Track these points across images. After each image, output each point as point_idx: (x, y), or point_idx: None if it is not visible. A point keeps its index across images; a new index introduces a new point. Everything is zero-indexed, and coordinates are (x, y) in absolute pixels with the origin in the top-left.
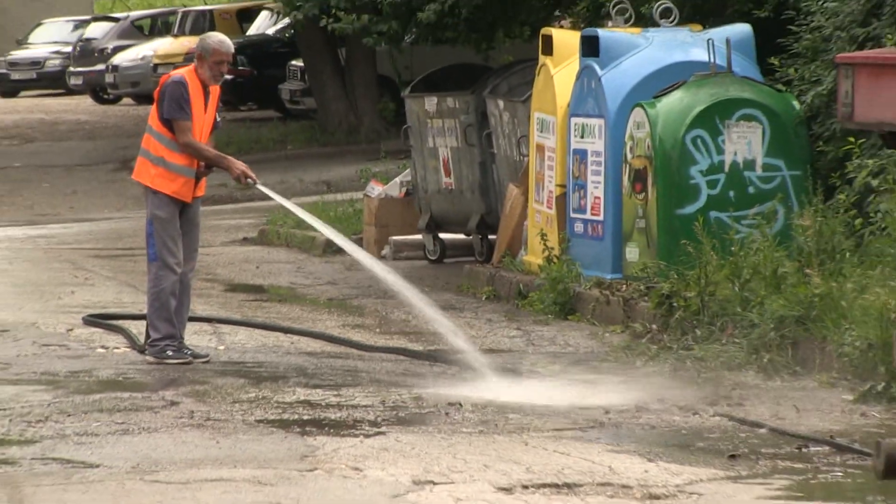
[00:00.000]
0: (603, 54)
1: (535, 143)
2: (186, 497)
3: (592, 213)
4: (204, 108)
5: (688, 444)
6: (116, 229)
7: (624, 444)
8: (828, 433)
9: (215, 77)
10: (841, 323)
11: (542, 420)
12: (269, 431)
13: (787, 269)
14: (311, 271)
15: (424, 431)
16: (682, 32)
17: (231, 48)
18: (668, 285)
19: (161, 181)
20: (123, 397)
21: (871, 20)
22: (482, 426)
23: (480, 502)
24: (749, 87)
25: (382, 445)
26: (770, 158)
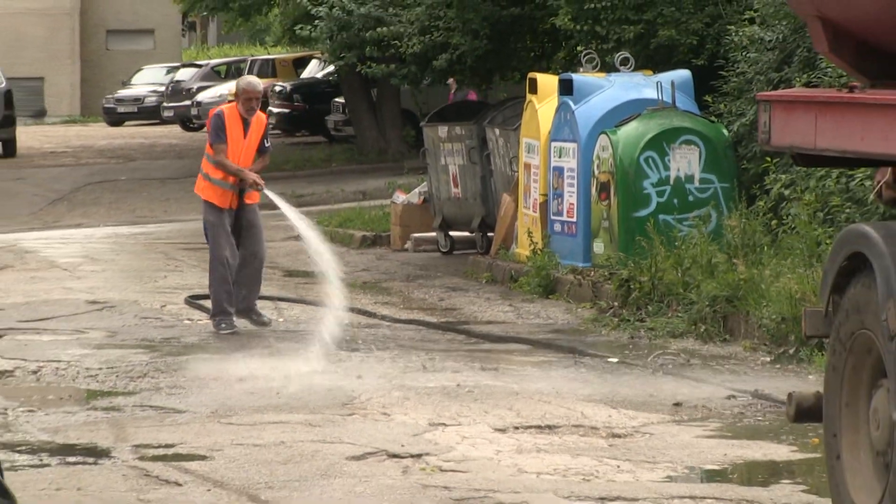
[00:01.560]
0: (576, 93)
1: (523, 162)
2: (253, 435)
3: (568, 216)
4: (243, 135)
5: (642, 395)
6: (199, 228)
7: (593, 395)
8: (752, 387)
9: (248, 111)
10: (761, 301)
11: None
12: (318, 385)
13: (719, 259)
14: (350, 261)
15: (437, 386)
16: (637, 76)
17: (258, 87)
18: (627, 272)
19: (206, 191)
20: (204, 358)
21: (783, 67)
22: (485, 381)
23: (481, 439)
24: (689, 118)
25: (404, 396)
26: (705, 174)
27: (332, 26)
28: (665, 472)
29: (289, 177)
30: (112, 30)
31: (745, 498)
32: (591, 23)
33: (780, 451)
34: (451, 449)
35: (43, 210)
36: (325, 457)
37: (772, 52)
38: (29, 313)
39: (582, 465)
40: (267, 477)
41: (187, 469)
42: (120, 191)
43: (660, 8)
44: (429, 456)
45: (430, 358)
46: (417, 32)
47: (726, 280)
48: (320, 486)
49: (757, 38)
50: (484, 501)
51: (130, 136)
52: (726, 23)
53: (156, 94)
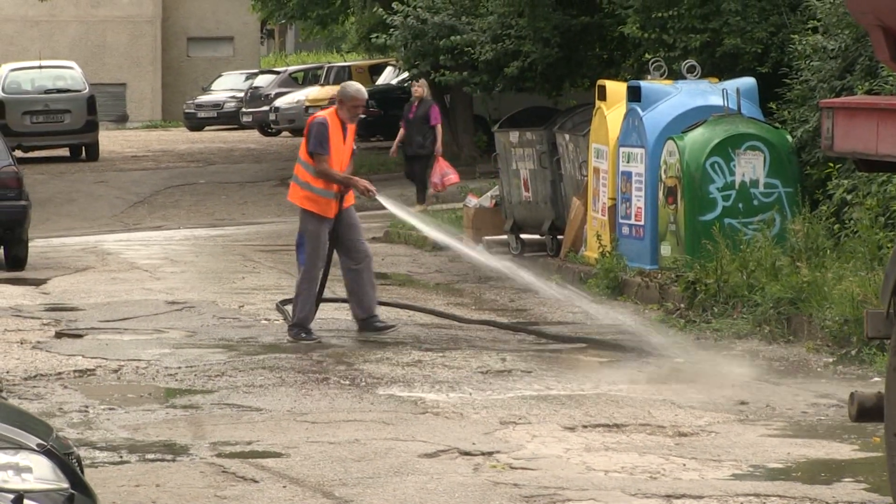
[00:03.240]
0: (644, 100)
1: (592, 167)
2: (328, 433)
3: (636, 219)
4: (343, 141)
5: (707, 394)
6: (277, 231)
7: (659, 394)
8: (815, 388)
9: (352, 118)
10: (823, 303)
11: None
12: (391, 382)
13: (783, 262)
14: (424, 262)
15: (508, 386)
16: (703, 84)
17: (365, 95)
18: (693, 274)
19: (308, 202)
20: (281, 357)
21: (846, 75)
22: (554, 380)
23: (550, 437)
24: (754, 125)
25: (477, 395)
26: (770, 179)
27: (406, 35)
28: (730, 471)
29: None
30: (193, 37)
31: (809, 496)
32: (658, 31)
33: (842, 450)
34: (521, 447)
35: (124, 212)
36: (398, 454)
37: (834, 61)
38: (110, 313)
39: (649, 464)
40: (341, 474)
41: (263, 466)
42: (199, 194)
43: (725, 17)
44: (499, 454)
45: (502, 358)
46: (489, 40)
47: (790, 283)
48: (393, 483)
49: (820, 46)
50: (553, 499)
51: (210, 140)
52: (790, 32)
53: (235, 100)
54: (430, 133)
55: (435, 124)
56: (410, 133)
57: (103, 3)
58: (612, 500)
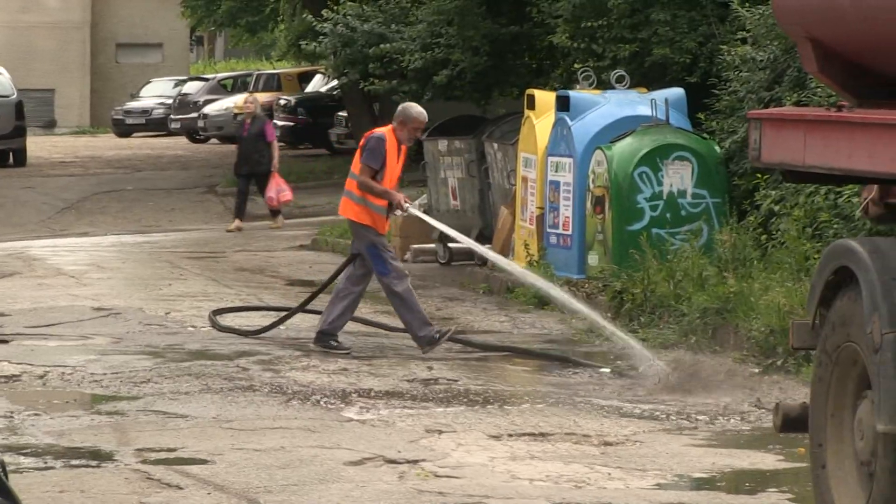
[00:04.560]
0: (572, 109)
1: (520, 176)
2: (253, 440)
3: (564, 229)
4: (396, 161)
5: (633, 406)
6: (204, 238)
7: (587, 404)
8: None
9: (411, 139)
10: (750, 314)
11: (524, 382)
12: (317, 390)
13: (710, 272)
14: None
15: (434, 394)
16: (632, 94)
17: (426, 118)
18: (620, 283)
19: (364, 216)
20: (207, 364)
21: (774, 86)
22: (481, 389)
23: (476, 446)
24: (682, 135)
25: (402, 404)
26: (697, 189)
27: (336, 42)
28: (655, 480)
29: (292, 188)
30: (122, 43)
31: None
32: (587, 41)
33: (766, 460)
34: (447, 455)
35: (51, 218)
36: (323, 462)
37: (763, 72)
38: (36, 319)
39: (574, 472)
40: (266, 481)
41: (188, 473)
42: (126, 200)
43: (655, 27)
44: (424, 462)
45: (428, 366)
46: (419, 49)
47: (717, 293)
48: (318, 490)
49: (749, 57)
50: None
51: (138, 147)
52: (719, 42)
53: (163, 107)
54: (266, 150)
55: (271, 140)
56: (246, 151)
57: (32, 8)
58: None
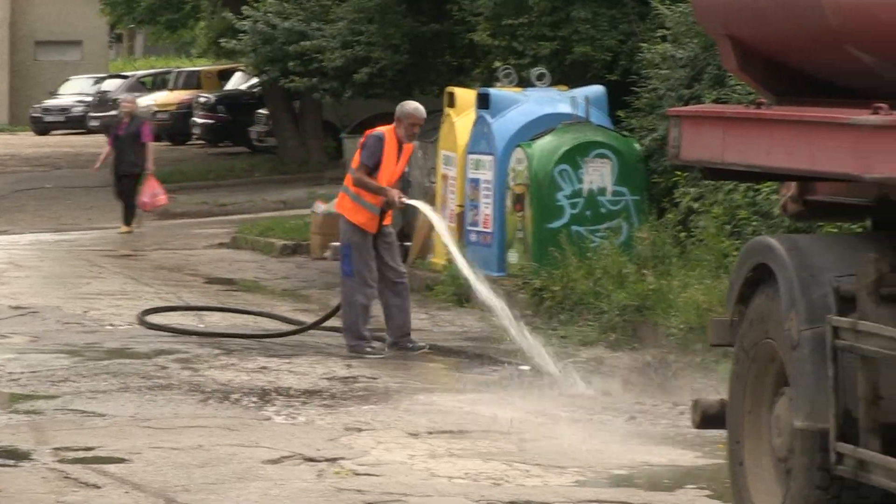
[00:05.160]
0: (493, 107)
1: (441, 174)
2: (171, 438)
3: (484, 226)
4: (395, 160)
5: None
6: (123, 236)
7: (504, 401)
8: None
9: (409, 137)
10: (669, 311)
11: (443, 380)
12: (236, 389)
13: (629, 270)
14: (271, 269)
15: (353, 392)
16: (553, 91)
17: (424, 114)
18: (540, 281)
19: (355, 213)
20: (125, 363)
21: (693, 84)
22: (400, 387)
23: (395, 444)
24: (602, 132)
25: (321, 402)
26: (617, 186)
27: (255, 40)
28: (574, 477)
29: (212, 186)
30: (40, 41)
31: (651, 502)
32: (508, 39)
33: (685, 456)
34: (366, 453)
35: None
36: (241, 460)
37: (683, 70)
38: None
39: (493, 470)
40: (184, 480)
41: (106, 472)
42: (45, 198)
43: (575, 25)
44: (343, 460)
45: (347, 364)
46: (339, 47)
47: (636, 290)
48: (236, 489)
49: (669, 55)
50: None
51: (57, 144)
52: (639, 40)
53: (82, 104)
54: (141, 151)
55: (146, 141)
56: (121, 151)
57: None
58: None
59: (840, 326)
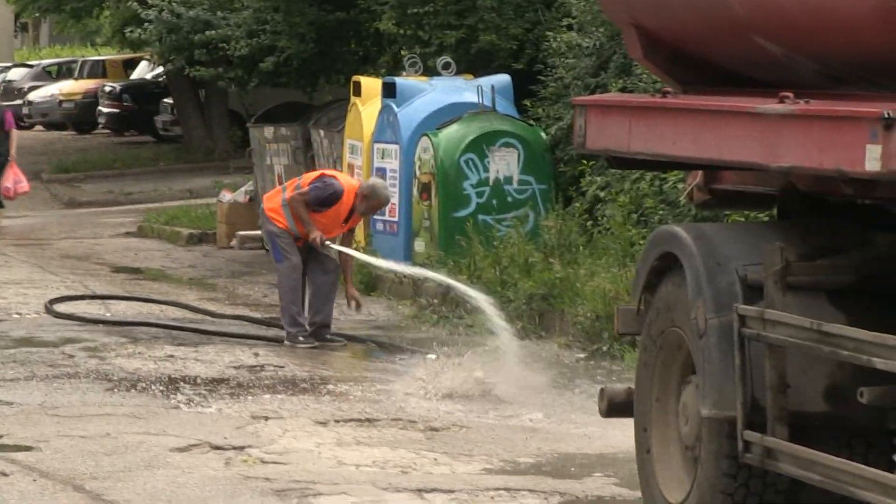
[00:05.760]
0: (399, 96)
1: (347, 163)
2: (79, 427)
3: (390, 216)
4: (343, 220)
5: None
6: (28, 225)
7: (411, 390)
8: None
9: (363, 213)
10: (576, 300)
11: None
12: (143, 377)
13: (536, 258)
14: (177, 257)
15: (259, 381)
16: (459, 80)
17: (388, 199)
18: (446, 270)
19: (277, 217)
20: (32, 351)
21: (600, 73)
22: (307, 375)
23: (302, 432)
24: (508, 121)
25: (229, 390)
26: (524, 175)
27: (161, 29)
28: (481, 465)
29: (117, 175)
30: None
31: (559, 490)
32: (414, 27)
33: (593, 444)
34: (273, 441)
35: None
36: (149, 448)
37: (589, 58)
38: None
39: (400, 458)
40: (92, 468)
41: (13, 460)
42: None
43: (481, 14)
44: (251, 448)
45: (255, 353)
46: (245, 35)
47: (542, 279)
48: (144, 476)
49: (575, 44)
50: (304, 493)
51: None
52: (545, 29)
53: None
54: (5, 139)
55: (9, 129)
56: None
57: None
58: (363, 495)
59: (747, 315)
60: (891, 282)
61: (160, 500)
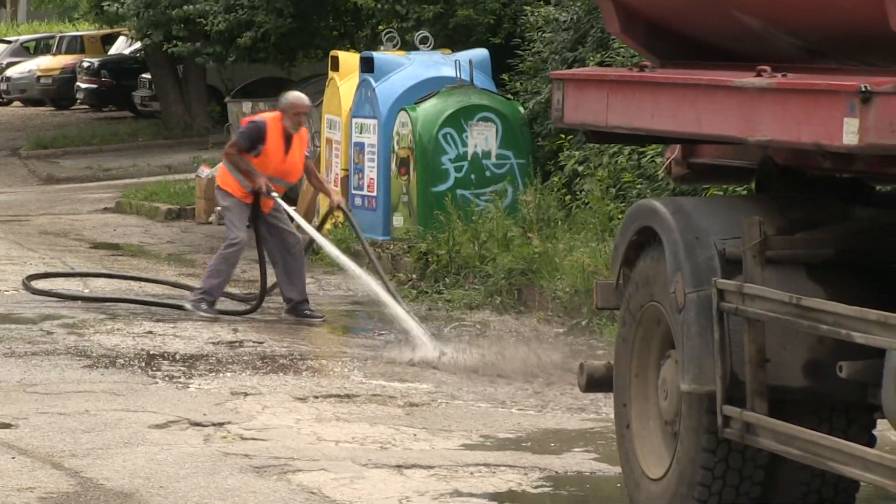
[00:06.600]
0: (377, 71)
1: (325, 138)
2: (58, 404)
3: (368, 191)
4: (283, 150)
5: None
6: (7, 201)
7: (391, 365)
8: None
9: (295, 126)
10: (555, 274)
11: (330, 344)
12: (122, 354)
13: (514, 233)
14: (156, 233)
15: (238, 357)
16: (436, 55)
17: (305, 101)
18: (425, 245)
19: (226, 182)
20: (10, 329)
21: (577, 47)
22: (286, 351)
23: (281, 408)
24: (486, 96)
25: (207, 367)
26: (502, 150)
27: (138, 4)
28: (460, 441)
29: (95, 151)
30: None
31: (539, 465)
32: (391, 2)
33: (572, 420)
34: (252, 418)
35: None
36: (128, 425)
37: (566, 33)
38: None
39: (379, 434)
40: (71, 445)
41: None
42: None
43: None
44: (230, 424)
45: (234, 329)
46: (222, 10)
47: (521, 254)
48: (123, 453)
49: (552, 18)
50: (283, 469)
51: None
52: (522, 3)
53: None
54: None
55: None
56: None
57: None
58: (342, 471)
59: (726, 289)
60: (870, 256)
61: (139, 477)
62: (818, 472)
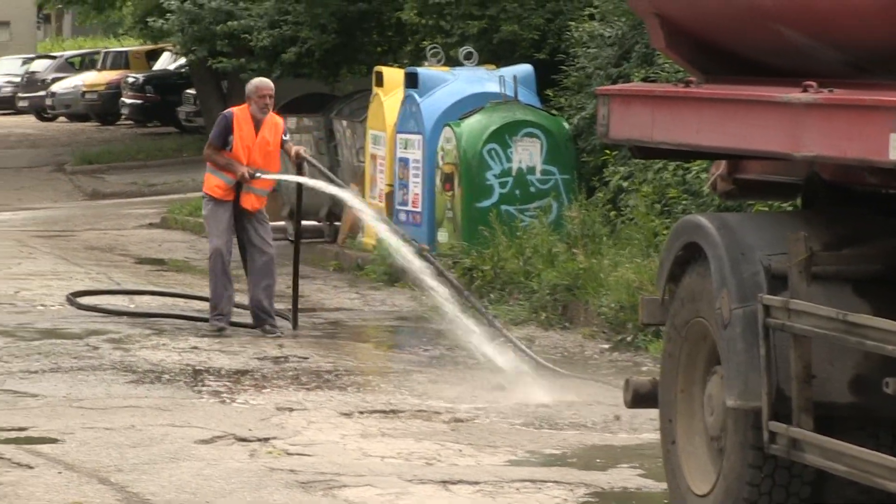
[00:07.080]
0: (421, 86)
1: (369, 153)
2: (104, 419)
3: (413, 206)
4: (253, 135)
5: (488, 380)
6: (53, 216)
7: (436, 381)
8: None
9: (262, 110)
10: (600, 290)
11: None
12: (167, 369)
13: (559, 249)
14: (201, 248)
15: (283, 372)
16: (481, 70)
17: (268, 84)
18: (470, 260)
19: (209, 184)
20: (57, 343)
21: (622, 62)
22: (332, 367)
23: (327, 423)
24: (531, 111)
25: (252, 382)
26: (546, 165)
27: (183, 20)
28: (506, 456)
29: (140, 166)
30: None
31: (584, 481)
32: (435, 17)
33: (617, 436)
34: (298, 433)
35: None
36: (174, 440)
37: (611, 48)
38: None
39: (425, 450)
40: (117, 460)
41: (39, 452)
42: None
43: (503, 4)
44: (276, 440)
45: (279, 344)
46: (267, 26)
47: (566, 269)
48: (169, 469)
49: (597, 34)
50: (329, 484)
51: None
52: (567, 18)
53: (11, 85)
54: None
55: None
56: None
57: None
58: (388, 486)
59: (772, 305)
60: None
61: (185, 492)
62: (865, 489)
